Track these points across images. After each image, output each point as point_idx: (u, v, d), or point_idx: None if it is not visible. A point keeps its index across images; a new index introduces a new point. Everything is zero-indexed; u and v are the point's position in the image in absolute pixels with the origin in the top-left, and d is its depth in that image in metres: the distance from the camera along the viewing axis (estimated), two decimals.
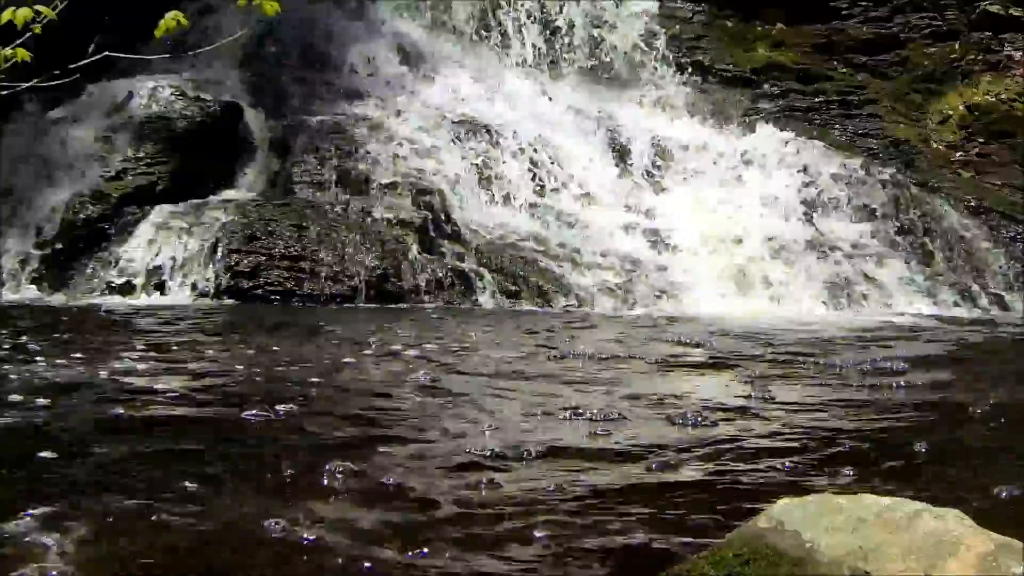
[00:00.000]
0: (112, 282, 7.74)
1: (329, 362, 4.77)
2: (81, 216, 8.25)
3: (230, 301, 7.46)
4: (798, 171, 9.83)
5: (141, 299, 7.53)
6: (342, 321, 6.62)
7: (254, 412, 3.51)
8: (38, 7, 3.18)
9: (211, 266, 7.65)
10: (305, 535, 2.26)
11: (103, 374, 4.23)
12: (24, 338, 5.23)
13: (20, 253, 8.19)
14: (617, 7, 11.31)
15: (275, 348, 5.15)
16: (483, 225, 8.47)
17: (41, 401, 3.64)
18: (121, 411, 3.52)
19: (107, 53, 3.54)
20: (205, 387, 4.06)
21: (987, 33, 11.13)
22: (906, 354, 5.74)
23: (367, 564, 2.14)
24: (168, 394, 3.87)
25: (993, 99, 10.75)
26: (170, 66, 9.18)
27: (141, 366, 4.46)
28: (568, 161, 9.41)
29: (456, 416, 3.67)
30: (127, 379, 4.15)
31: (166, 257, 7.75)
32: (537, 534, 2.36)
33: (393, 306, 7.50)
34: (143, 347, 5.08)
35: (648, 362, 5.06)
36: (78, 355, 4.70)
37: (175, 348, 5.11)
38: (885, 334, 6.81)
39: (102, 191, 8.48)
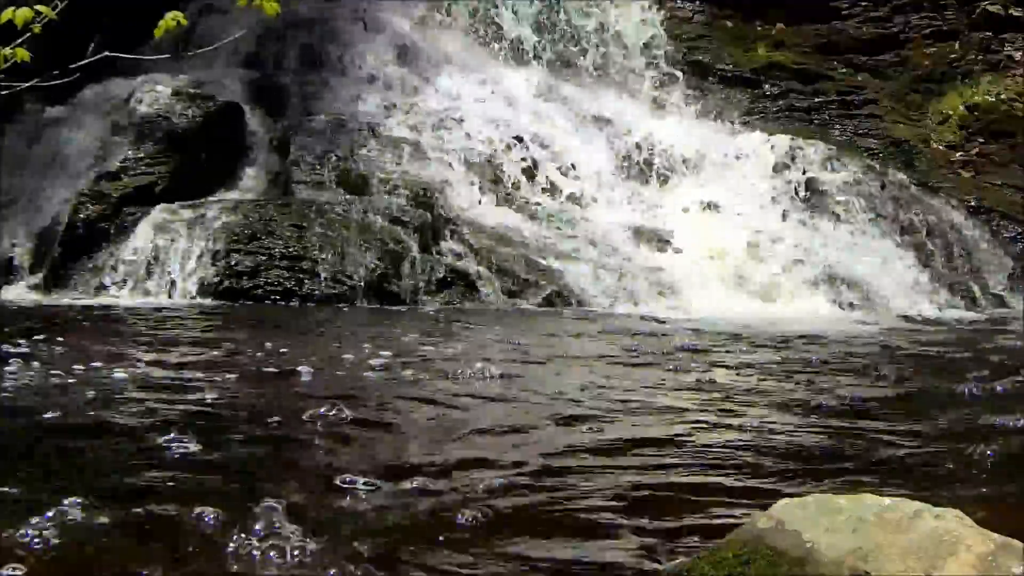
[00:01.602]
0: (112, 282, 7.74)
1: (289, 371, 4.51)
2: (81, 216, 8.25)
3: (230, 301, 7.46)
4: (798, 171, 9.83)
5: (140, 299, 7.53)
6: (336, 323, 6.59)
7: (171, 437, 3.13)
8: (38, 7, 3.18)
9: (211, 266, 7.65)
10: None
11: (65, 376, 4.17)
12: (17, 338, 5.21)
13: (20, 253, 8.20)
14: (617, 6, 11.30)
15: (257, 353, 5.02)
16: (483, 225, 8.47)
17: None
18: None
19: (107, 53, 3.54)
20: (140, 398, 3.89)
21: (987, 33, 11.13)
22: (903, 355, 5.74)
23: None
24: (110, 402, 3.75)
25: (993, 99, 10.75)
26: (170, 66, 9.19)
27: (116, 371, 4.36)
28: (567, 160, 9.41)
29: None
30: (100, 381, 4.11)
31: (166, 257, 7.75)
32: None
33: (393, 307, 7.50)
34: (126, 349, 5.02)
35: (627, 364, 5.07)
36: (52, 355, 4.69)
37: (153, 352, 5.02)
38: (880, 334, 6.81)
39: (102, 191, 8.48)
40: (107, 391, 3.92)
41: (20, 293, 7.82)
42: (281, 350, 5.13)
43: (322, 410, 3.47)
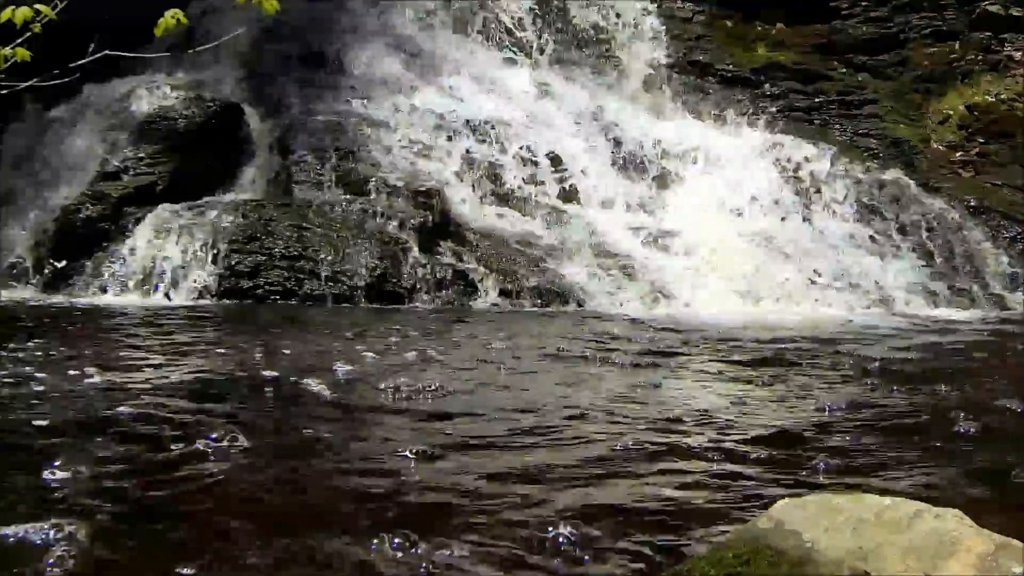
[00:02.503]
0: (112, 282, 7.75)
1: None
2: (81, 216, 8.25)
3: (230, 301, 7.46)
4: (797, 171, 9.84)
5: (140, 299, 7.53)
6: (330, 324, 6.51)
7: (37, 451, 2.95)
8: (38, 6, 3.18)
9: (211, 266, 7.65)
10: None
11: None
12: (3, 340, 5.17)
13: (20, 253, 8.20)
14: (616, 6, 11.31)
15: (232, 357, 4.86)
16: (483, 225, 8.47)
17: None
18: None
19: (107, 53, 3.54)
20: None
21: (987, 33, 11.14)
22: (901, 354, 5.74)
23: None
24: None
25: (993, 99, 10.76)
26: (170, 66, 9.21)
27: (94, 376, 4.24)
28: (567, 160, 9.41)
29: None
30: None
31: (166, 257, 7.75)
32: None
33: (393, 306, 7.50)
34: (102, 352, 4.93)
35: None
36: (28, 357, 4.61)
37: (125, 354, 4.92)
38: (880, 334, 6.81)
39: (102, 191, 8.49)
40: (49, 397, 3.82)
41: (20, 293, 7.82)
42: (257, 354, 4.98)
43: (213, 436, 3.15)
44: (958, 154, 10.67)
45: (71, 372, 4.29)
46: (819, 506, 1.96)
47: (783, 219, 9.39)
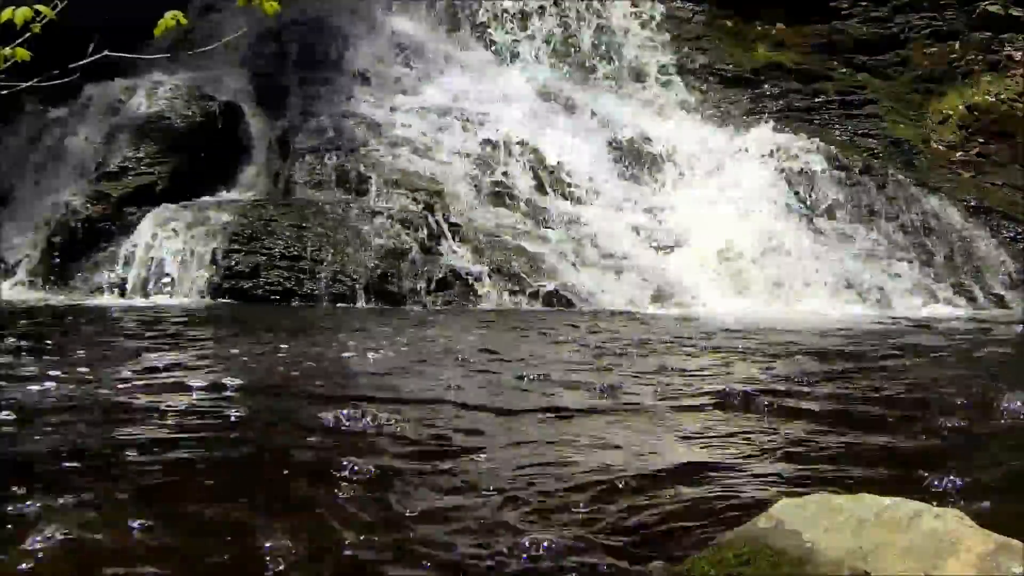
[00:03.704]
0: (112, 282, 7.75)
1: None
2: (81, 216, 8.26)
3: (230, 301, 7.46)
4: (798, 171, 9.83)
5: (140, 299, 7.53)
6: (320, 325, 6.39)
7: None
8: (38, 7, 3.18)
9: (211, 266, 7.65)
10: None
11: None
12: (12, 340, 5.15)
13: (20, 253, 8.20)
14: (617, 6, 11.30)
15: (192, 363, 4.58)
16: (483, 225, 8.47)
17: None
18: None
19: (107, 53, 3.54)
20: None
21: (987, 33, 11.13)
22: (899, 354, 5.74)
23: None
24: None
25: (993, 99, 10.75)
26: (170, 66, 9.22)
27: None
28: (568, 160, 9.41)
29: None
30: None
31: (166, 257, 7.75)
32: None
33: (393, 306, 7.49)
34: (65, 354, 4.78)
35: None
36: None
37: (85, 357, 4.70)
38: (879, 334, 6.81)
39: (102, 191, 8.50)
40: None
41: (20, 292, 7.82)
42: (218, 361, 4.69)
43: None
44: (958, 154, 10.66)
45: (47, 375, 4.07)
46: (819, 506, 1.96)
47: (784, 219, 9.38)
